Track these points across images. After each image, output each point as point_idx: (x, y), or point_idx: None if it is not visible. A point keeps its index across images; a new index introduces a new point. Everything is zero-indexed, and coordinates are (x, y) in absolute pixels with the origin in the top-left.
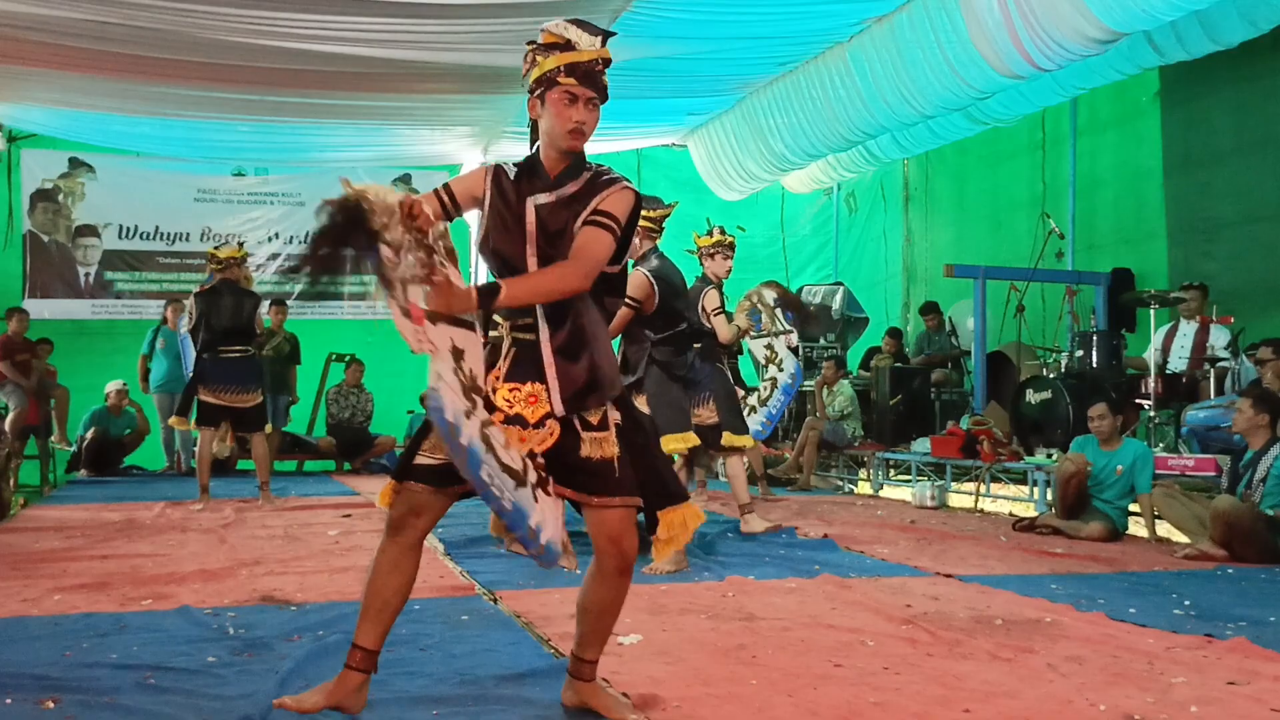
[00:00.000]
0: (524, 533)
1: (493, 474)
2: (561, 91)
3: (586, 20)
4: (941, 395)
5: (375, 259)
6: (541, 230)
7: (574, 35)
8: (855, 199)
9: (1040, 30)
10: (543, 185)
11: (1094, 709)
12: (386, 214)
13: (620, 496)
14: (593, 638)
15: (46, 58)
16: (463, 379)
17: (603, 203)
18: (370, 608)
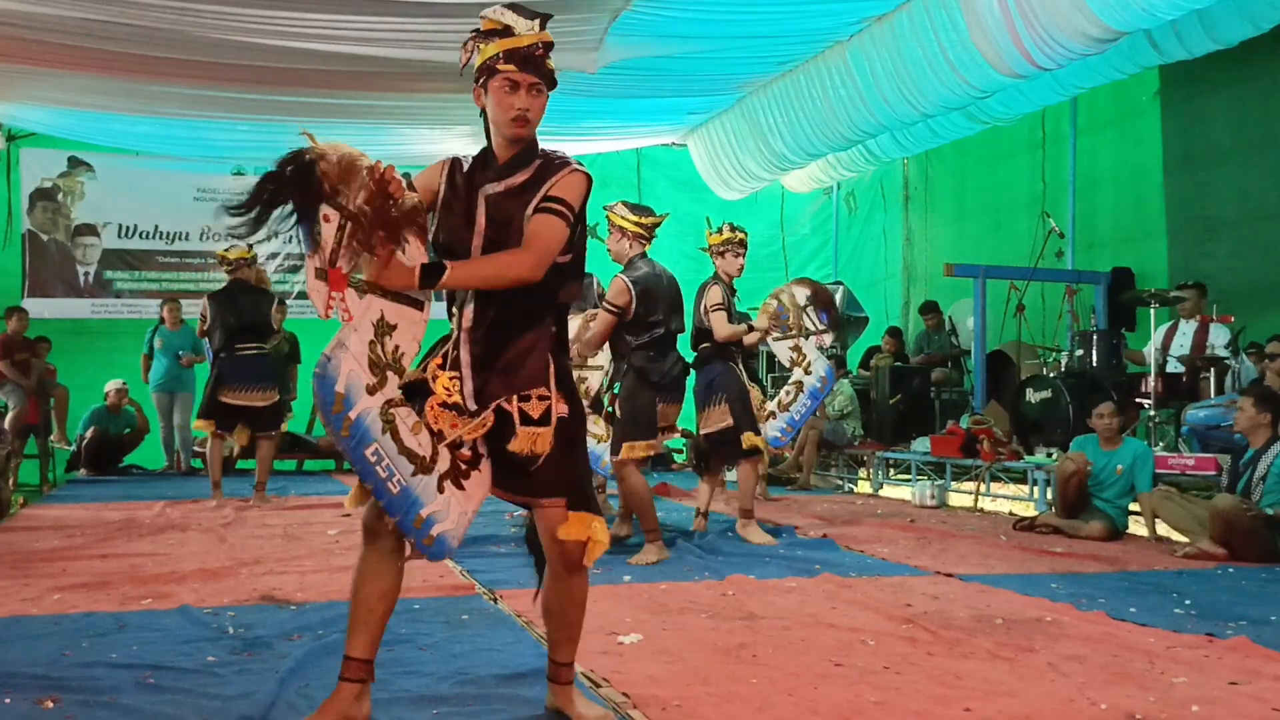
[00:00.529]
0: (406, 520)
1: (383, 454)
2: (502, 79)
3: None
4: (941, 394)
5: (311, 215)
6: (491, 221)
7: (511, 20)
8: (855, 198)
9: (1040, 29)
10: (493, 175)
11: (1095, 708)
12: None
13: (546, 499)
14: (559, 638)
15: (46, 57)
16: (379, 354)
17: (553, 188)
18: (358, 617)
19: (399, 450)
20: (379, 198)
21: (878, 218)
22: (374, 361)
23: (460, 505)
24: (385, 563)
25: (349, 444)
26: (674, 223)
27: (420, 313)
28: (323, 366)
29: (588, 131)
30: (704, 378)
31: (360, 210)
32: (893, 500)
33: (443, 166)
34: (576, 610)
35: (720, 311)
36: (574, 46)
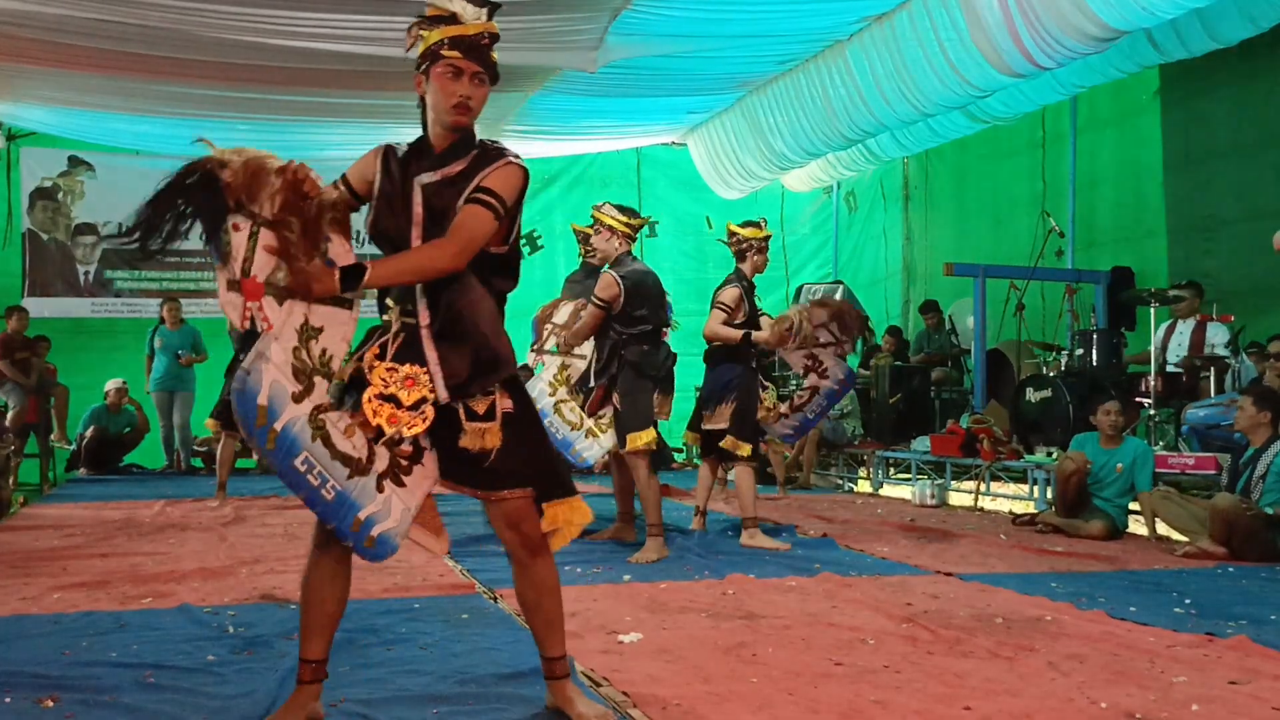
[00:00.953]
0: (342, 525)
1: (314, 462)
2: (445, 65)
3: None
4: (941, 394)
5: (216, 226)
6: (428, 210)
7: (458, 8)
8: (855, 197)
9: (1040, 28)
10: (429, 164)
11: (1095, 707)
12: (257, 180)
13: (509, 489)
14: (544, 632)
15: (46, 56)
16: (304, 360)
17: (486, 179)
18: (314, 622)
19: (332, 455)
20: (294, 199)
21: (878, 217)
22: (298, 369)
23: (402, 502)
24: (338, 568)
25: (276, 456)
26: (674, 222)
27: (350, 311)
28: (241, 381)
29: (588, 131)
30: (719, 376)
31: (275, 217)
32: (893, 500)
33: (377, 155)
34: (551, 597)
35: (718, 310)
36: (574, 46)
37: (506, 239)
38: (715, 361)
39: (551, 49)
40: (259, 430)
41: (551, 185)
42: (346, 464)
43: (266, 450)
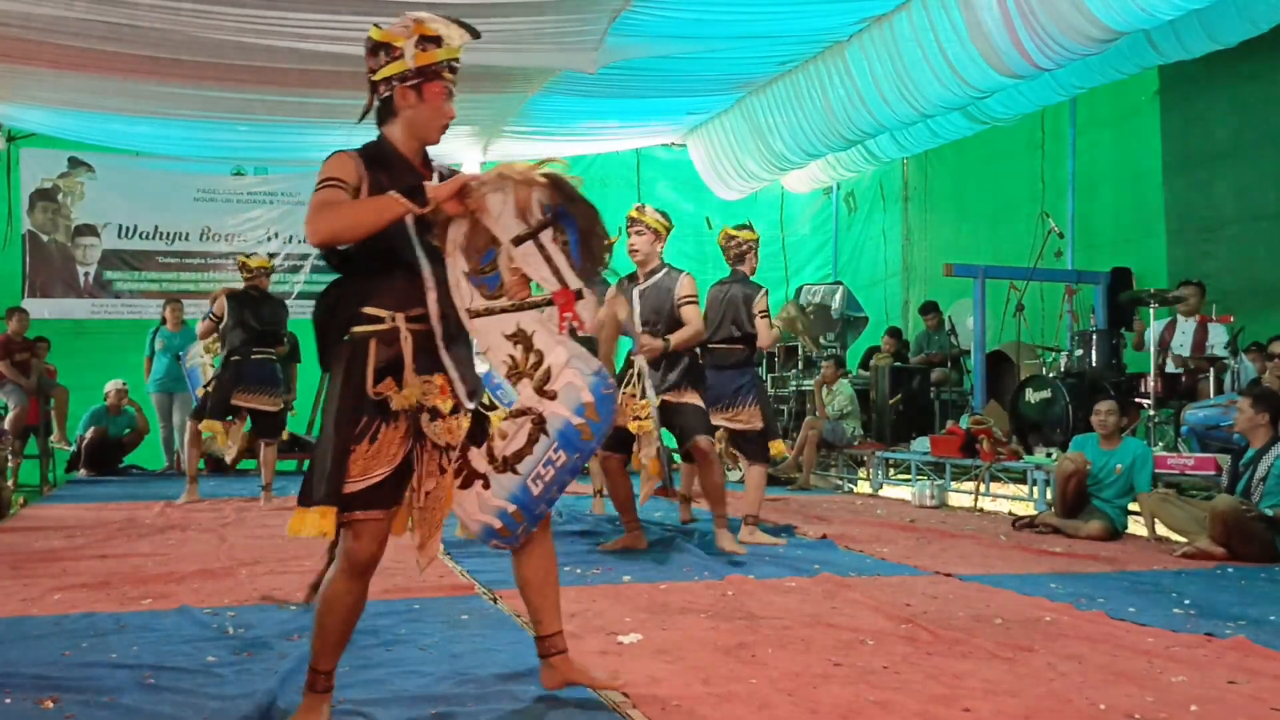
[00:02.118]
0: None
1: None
2: (443, 86)
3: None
4: (941, 394)
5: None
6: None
7: (453, 32)
8: (855, 198)
9: (1040, 29)
10: (407, 174)
11: (1094, 707)
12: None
13: None
14: (545, 606)
15: (46, 57)
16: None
17: None
18: (336, 639)
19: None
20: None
21: (877, 218)
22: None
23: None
24: (365, 591)
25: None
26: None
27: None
28: (608, 382)
29: (587, 131)
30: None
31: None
32: (892, 500)
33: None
34: (555, 575)
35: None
36: (574, 46)
37: None
38: (736, 364)
39: (551, 49)
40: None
41: None
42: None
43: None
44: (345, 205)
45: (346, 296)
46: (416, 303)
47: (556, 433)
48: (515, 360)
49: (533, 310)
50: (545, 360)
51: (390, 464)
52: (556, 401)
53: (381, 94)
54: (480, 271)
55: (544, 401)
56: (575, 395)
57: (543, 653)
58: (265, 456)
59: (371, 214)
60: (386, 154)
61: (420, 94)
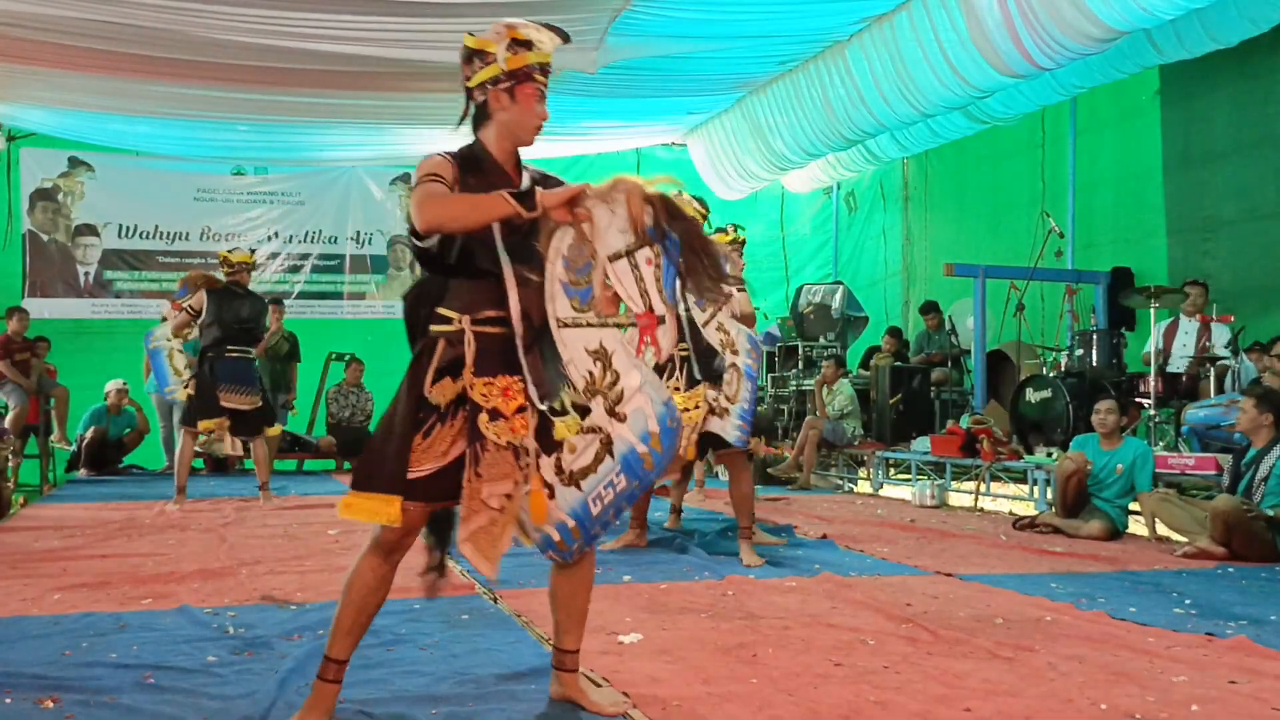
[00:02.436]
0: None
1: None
2: (536, 88)
3: (545, 23)
4: (941, 394)
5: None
6: (505, 224)
7: (545, 37)
8: (855, 198)
9: (1040, 29)
10: (498, 178)
11: (1095, 707)
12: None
13: None
14: (569, 624)
15: (46, 56)
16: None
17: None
18: (354, 625)
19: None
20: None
21: (877, 217)
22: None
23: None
24: (391, 573)
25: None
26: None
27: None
28: (675, 420)
29: (588, 131)
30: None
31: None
32: (893, 500)
33: (451, 163)
34: (587, 592)
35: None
36: (574, 46)
37: None
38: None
39: None
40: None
41: None
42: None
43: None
44: (457, 198)
45: (425, 294)
46: (486, 306)
47: (621, 456)
48: (593, 376)
49: (616, 329)
50: (620, 382)
51: (438, 460)
52: (625, 425)
53: (476, 99)
54: (576, 283)
55: (614, 423)
56: (643, 422)
57: (555, 663)
58: (257, 455)
59: (481, 210)
60: (479, 157)
61: (513, 96)
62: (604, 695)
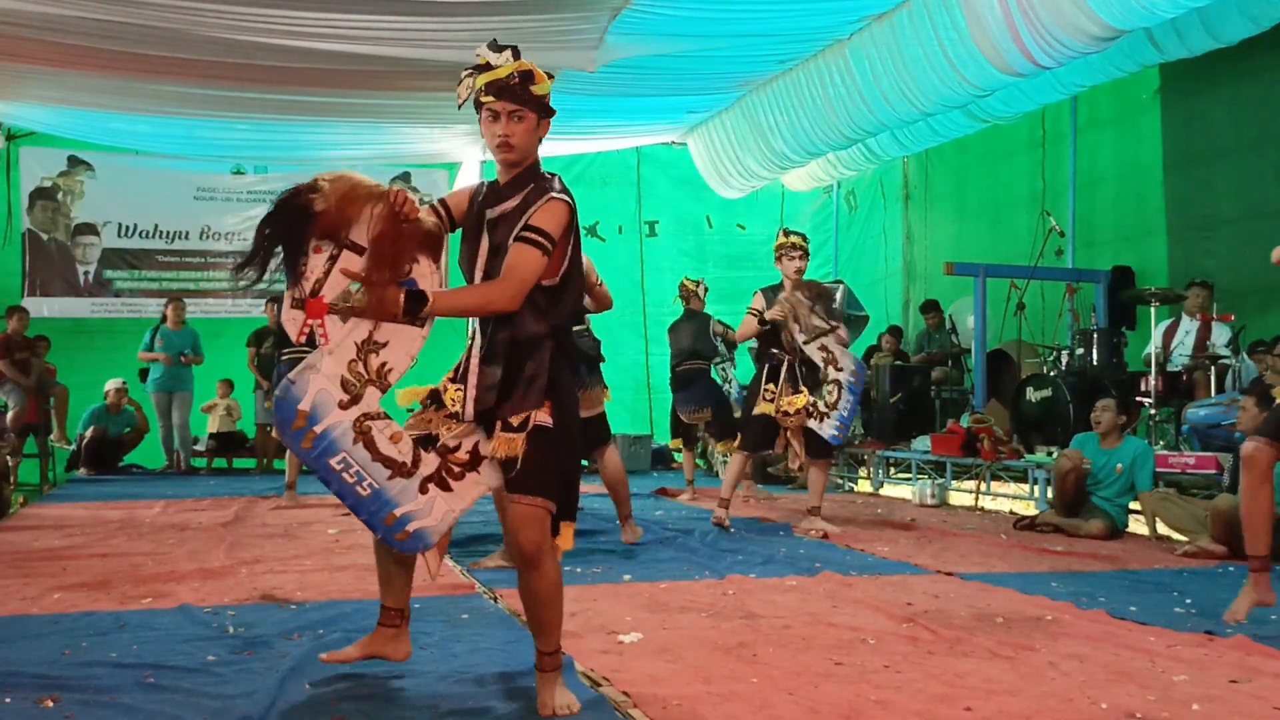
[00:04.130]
0: (374, 519)
1: (352, 462)
2: (486, 110)
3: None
4: (942, 393)
5: (298, 249)
6: (490, 243)
7: (489, 55)
8: (855, 197)
9: (1041, 27)
10: (495, 199)
11: (1095, 707)
12: (349, 207)
13: (525, 495)
14: (535, 629)
15: (46, 55)
16: (359, 372)
17: (532, 217)
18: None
19: (373, 458)
20: (390, 224)
21: (878, 216)
22: (349, 380)
23: (446, 504)
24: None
25: (310, 455)
26: (674, 221)
27: (420, 329)
28: (284, 390)
29: (588, 130)
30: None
31: (359, 243)
32: (893, 499)
33: (471, 190)
34: (540, 607)
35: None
36: (574, 45)
37: (557, 271)
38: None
39: (551, 49)
40: (295, 432)
41: None
42: (388, 466)
43: (300, 449)
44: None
45: None
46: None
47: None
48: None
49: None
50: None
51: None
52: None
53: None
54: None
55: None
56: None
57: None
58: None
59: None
60: (494, 181)
61: (482, 122)
62: (557, 697)
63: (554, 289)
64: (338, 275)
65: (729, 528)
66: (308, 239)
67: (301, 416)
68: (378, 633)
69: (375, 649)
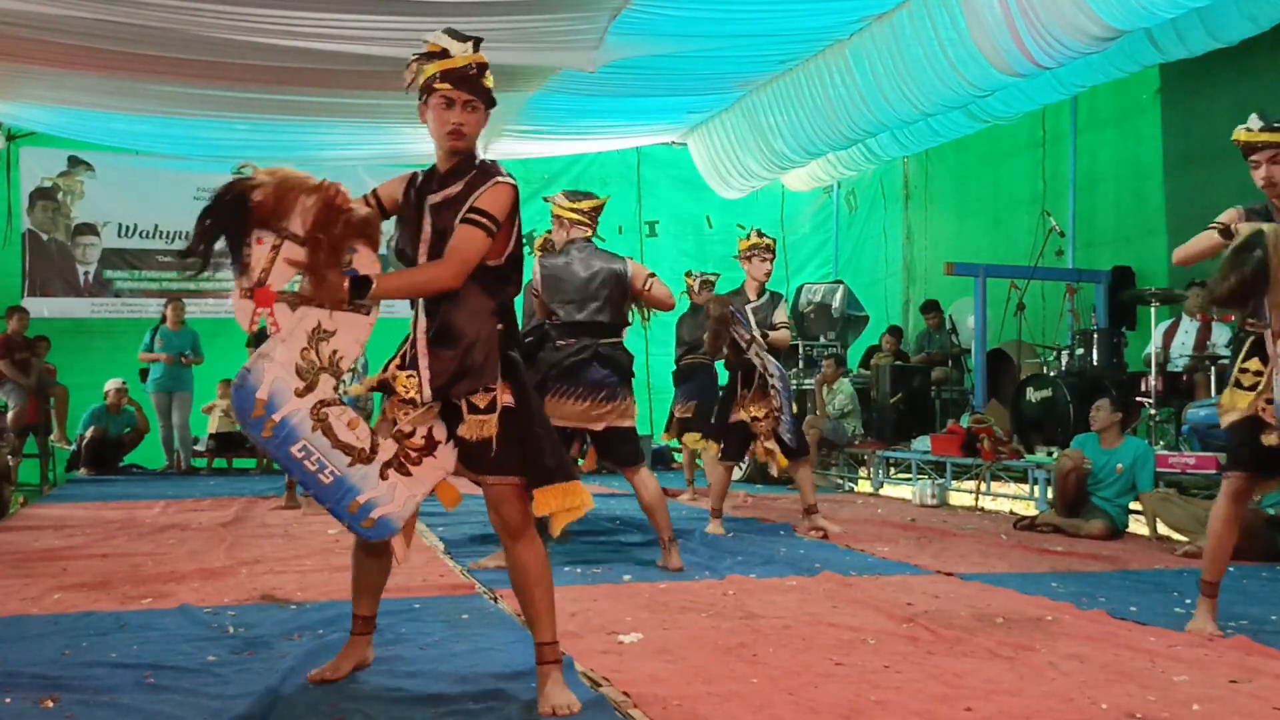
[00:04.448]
0: (339, 507)
1: (312, 449)
2: (440, 97)
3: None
4: (942, 393)
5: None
6: (433, 229)
7: (448, 43)
8: (855, 197)
9: (1041, 27)
10: (436, 185)
11: (1095, 707)
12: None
13: (496, 475)
14: (530, 616)
15: (46, 56)
16: (311, 359)
17: (478, 200)
18: (360, 585)
19: (332, 445)
20: (326, 216)
21: (878, 216)
22: (303, 367)
23: (407, 489)
24: (375, 545)
25: (272, 444)
26: (674, 221)
27: (366, 316)
28: (241, 379)
29: (588, 130)
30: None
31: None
32: (893, 499)
33: (405, 179)
34: (537, 585)
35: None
36: (574, 45)
37: (503, 252)
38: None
39: (551, 49)
40: (254, 420)
41: (552, 185)
42: (348, 453)
43: (261, 438)
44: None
45: None
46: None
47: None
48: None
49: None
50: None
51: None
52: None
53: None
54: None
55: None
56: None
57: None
58: None
59: None
60: (432, 169)
61: (428, 107)
62: (559, 696)
63: (500, 269)
64: (283, 265)
65: (725, 534)
66: (248, 229)
67: (260, 405)
68: (354, 642)
69: (357, 658)
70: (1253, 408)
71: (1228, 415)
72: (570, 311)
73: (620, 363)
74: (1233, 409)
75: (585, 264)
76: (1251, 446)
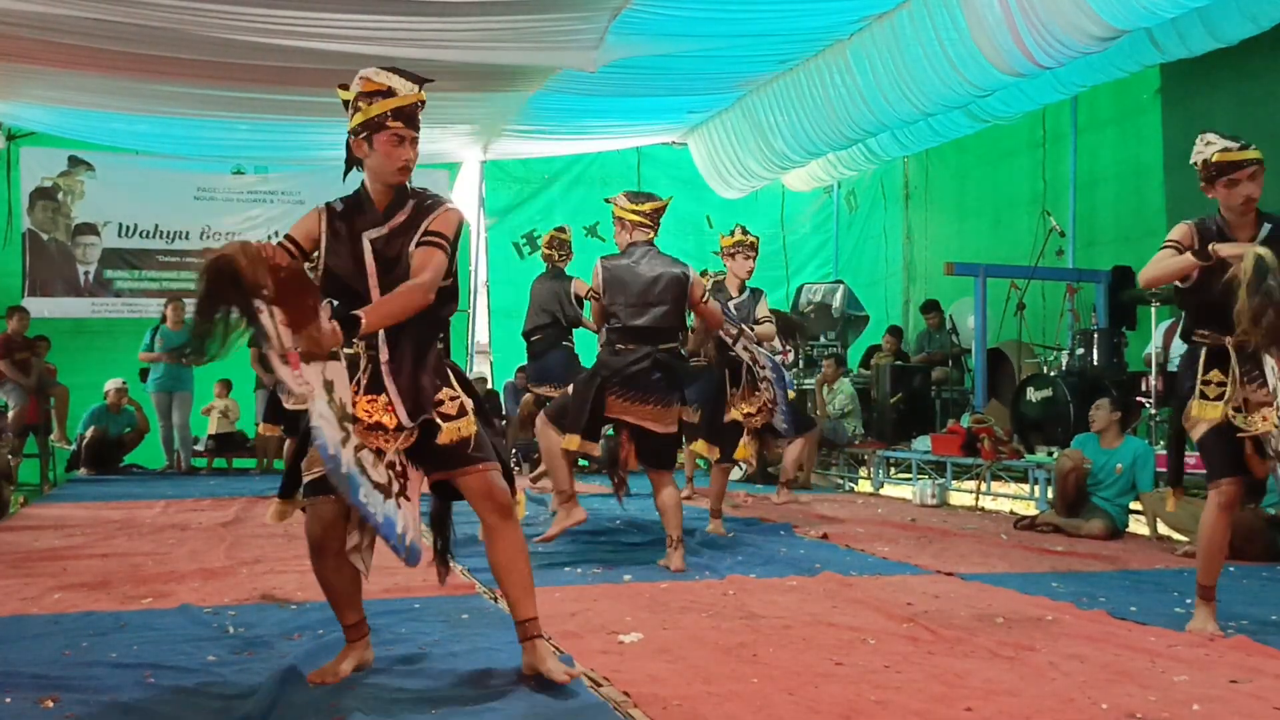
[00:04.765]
0: (395, 540)
1: (368, 494)
2: (390, 134)
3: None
4: (942, 393)
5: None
6: (379, 260)
7: (395, 83)
8: (855, 197)
9: (1041, 27)
10: (373, 220)
11: (1095, 707)
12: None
13: (483, 463)
14: (517, 593)
15: (46, 55)
16: (336, 410)
17: (432, 224)
18: (338, 602)
19: (373, 486)
20: (276, 275)
21: (878, 216)
22: (337, 418)
23: (411, 512)
24: (339, 561)
25: (354, 497)
26: (674, 221)
27: (341, 363)
28: (319, 440)
29: (588, 130)
30: None
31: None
32: (893, 499)
33: (319, 215)
34: (523, 556)
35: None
36: (574, 45)
37: (448, 273)
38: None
39: (551, 49)
40: (339, 476)
41: (552, 185)
42: (381, 491)
43: (346, 492)
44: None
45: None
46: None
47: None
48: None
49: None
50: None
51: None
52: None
53: (350, 147)
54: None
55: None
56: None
57: (519, 636)
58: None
59: None
60: (359, 201)
61: (371, 144)
62: (559, 666)
63: (445, 288)
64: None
65: (725, 534)
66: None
67: (334, 462)
68: (352, 647)
69: (357, 659)
70: (1223, 416)
71: (1198, 427)
72: (631, 315)
73: (677, 371)
74: (1202, 419)
75: (649, 267)
76: (1232, 447)
